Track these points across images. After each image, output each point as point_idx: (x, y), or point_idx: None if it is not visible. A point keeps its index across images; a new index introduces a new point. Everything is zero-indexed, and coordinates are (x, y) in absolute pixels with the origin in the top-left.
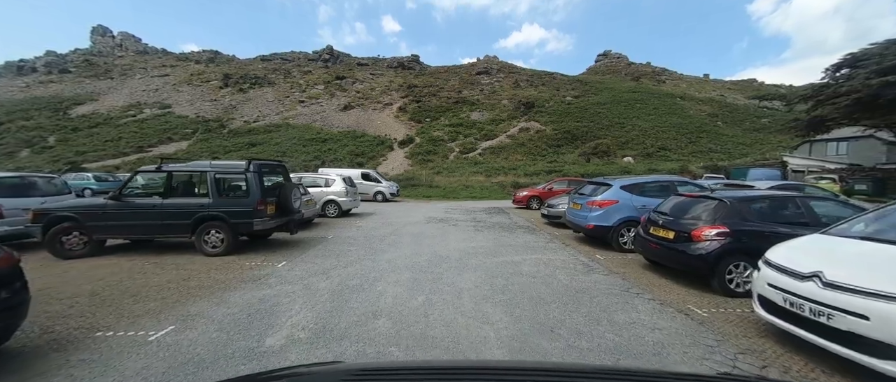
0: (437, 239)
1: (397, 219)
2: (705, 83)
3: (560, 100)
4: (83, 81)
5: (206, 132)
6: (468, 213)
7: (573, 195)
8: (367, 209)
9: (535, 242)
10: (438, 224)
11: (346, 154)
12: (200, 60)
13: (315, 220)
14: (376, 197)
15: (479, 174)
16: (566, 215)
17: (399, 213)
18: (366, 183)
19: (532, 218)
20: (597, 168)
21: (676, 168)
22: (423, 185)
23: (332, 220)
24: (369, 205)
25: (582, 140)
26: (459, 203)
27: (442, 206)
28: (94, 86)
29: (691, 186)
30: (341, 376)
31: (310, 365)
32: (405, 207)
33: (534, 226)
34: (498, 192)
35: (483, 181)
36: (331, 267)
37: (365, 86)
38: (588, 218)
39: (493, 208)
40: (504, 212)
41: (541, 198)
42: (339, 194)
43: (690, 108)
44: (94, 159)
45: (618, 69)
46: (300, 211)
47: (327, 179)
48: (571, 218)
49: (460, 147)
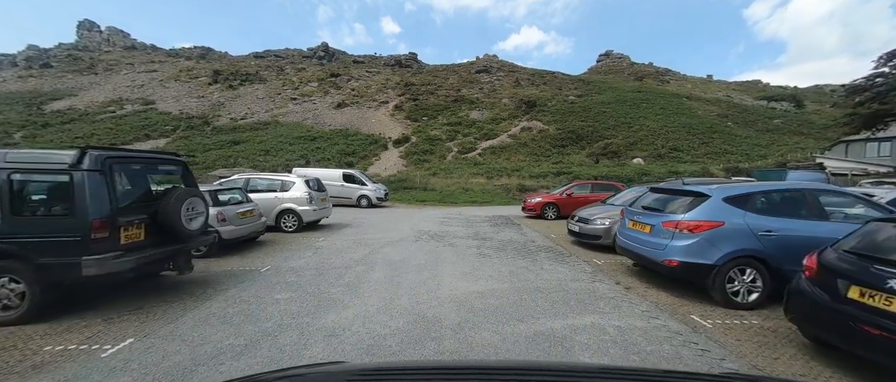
0: (425, 273)
1: (377, 235)
2: (709, 84)
3: (563, 99)
4: (65, 76)
5: (188, 129)
6: (469, 225)
7: (633, 209)
8: (344, 218)
9: (576, 282)
10: (430, 242)
11: (335, 153)
12: (191, 57)
13: (261, 239)
14: (361, 202)
15: (479, 175)
16: (617, 238)
17: (382, 225)
18: (348, 186)
19: (552, 232)
20: (608, 169)
21: (698, 170)
22: (416, 188)
23: (287, 237)
24: (350, 213)
25: (588, 140)
26: (458, 209)
27: (437, 214)
28: (75, 81)
29: (842, 195)
30: (344, 376)
31: (312, 366)
32: (393, 215)
33: (560, 247)
34: (501, 196)
35: (484, 183)
36: (205, 359)
37: (360, 83)
38: (668, 250)
39: (498, 217)
40: (513, 224)
41: (558, 207)
42: (298, 201)
43: (698, 109)
44: None
45: (620, 69)
46: (208, 232)
47: (283, 182)
48: (631, 246)
49: (459, 146)
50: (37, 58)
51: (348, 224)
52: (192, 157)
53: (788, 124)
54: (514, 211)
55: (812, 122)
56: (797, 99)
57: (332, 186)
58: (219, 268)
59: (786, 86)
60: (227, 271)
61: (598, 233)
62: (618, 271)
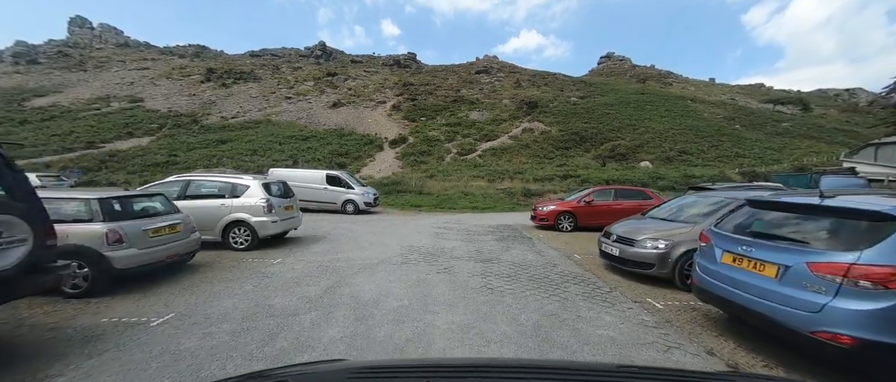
0: (405, 328)
1: (353, 254)
2: (712, 87)
3: (564, 100)
4: (53, 73)
5: (175, 127)
6: (470, 238)
7: (733, 235)
8: (320, 228)
9: (641, 346)
10: (420, 266)
11: (326, 153)
12: (185, 55)
13: (193, 261)
14: (346, 207)
15: (480, 178)
16: (699, 277)
17: (365, 238)
18: (332, 189)
19: (573, 249)
20: (618, 173)
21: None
22: (411, 191)
23: (234, 257)
24: (330, 221)
25: (592, 142)
26: (456, 216)
27: (433, 223)
28: (62, 78)
29: None
30: (344, 374)
31: (313, 363)
32: (381, 224)
33: (592, 276)
34: (505, 202)
35: (485, 187)
36: None
37: (358, 83)
38: (827, 314)
39: (504, 228)
40: (524, 237)
41: (575, 216)
42: (252, 210)
43: (704, 111)
44: (31, 155)
45: (622, 71)
46: (45, 268)
47: (234, 185)
48: (733, 295)
49: (458, 148)
50: (24, 54)
51: (323, 236)
52: (173, 156)
53: (797, 128)
54: (520, 220)
55: (821, 126)
56: (804, 102)
57: (314, 190)
58: (87, 319)
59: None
60: (95, 325)
61: (650, 260)
62: (698, 324)
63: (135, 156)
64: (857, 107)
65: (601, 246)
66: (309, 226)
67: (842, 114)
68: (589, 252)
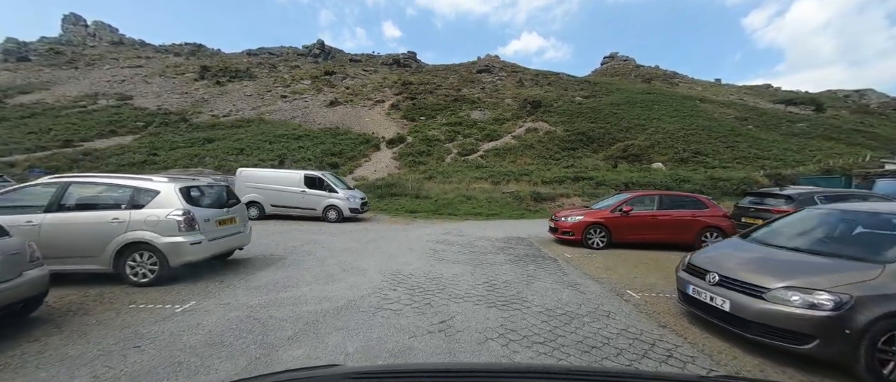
0: None
1: (307, 292)
2: (719, 87)
3: (569, 100)
4: (42, 70)
5: (162, 125)
6: (476, 261)
7: None
8: (284, 243)
9: None
10: (404, 318)
11: (318, 153)
12: (180, 53)
13: (39, 312)
14: (328, 214)
15: (483, 180)
16: None
17: (335, 261)
18: (311, 193)
19: (622, 281)
20: (635, 175)
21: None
22: (408, 195)
23: (119, 298)
24: (303, 233)
25: (599, 143)
26: (458, 225)
27: (429, 235)
28: (51, 75)
29: None
30: (341, 379)
31: (308, 369)
32: (365, 237)
33: (676, 335)
34: (512, 207)
35: (489, 190)
36: None
37: (356, 82)
38: None
39: (518, 242)
40: (547, 258)
41: (609, 230)
42: (161, 227)
43: (713, 111)
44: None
45: (626, 71)
46: None
47: (135, 190)
48: None
49: (459, 148)
50: (14, 51)
51: (281, 257)
52: (153, 155)
53: (813, 128)
54: (534, 230)
55: (837, 127)
56: (817, 103)
57: (289, 194)
58: None
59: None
60: None
61: (805, 328)
62: None
63: (111, 155)
64: (867, 108)
65: (685, 287)
66: (273, 240)
67: (853, 114)
68: (647, 286)
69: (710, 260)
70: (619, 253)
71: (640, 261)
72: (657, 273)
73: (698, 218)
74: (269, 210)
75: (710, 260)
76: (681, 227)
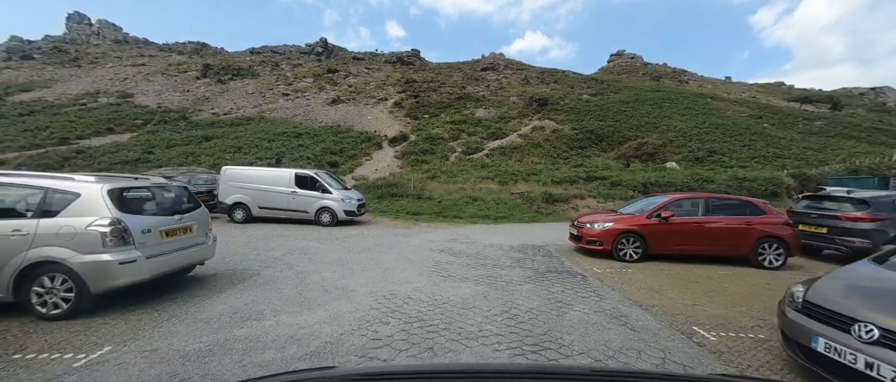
0: None
1: (271, 327)
2: (729, 85)
3: (576, 98)
4: (45, 68)
5: (160, 123)
6: (488, 276)
7: None
8: (263, 253)
9: None
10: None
11: (318, 151)
12: (184, 51)
13: None
14: (320, 217)
15: (489, 179)
16: None
17: (317, 278)
18: (302, 193)
19: (679, 309)
20: (645, 174)
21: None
22: (409, 195)
23: (18, 339)
24: (289, 238)
25: (608, 141)
26: (464, 230)
27: (432, 243)
28: (54, 73)
29: None
30: (338, 380)
31: (304, 371)
32: (358, 245)
33: None
34: (522, 209)
35: (496, 190)
36: None
37: (359, 80)
38: None
39: (534, 251)
40: (572, 274)
41: (644, 239)
42: (78, 242)
43: (726, 109)
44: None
45: (633, 69)
46: None
47: (47, 192)
48: None
49: (463, 147)
50: (18, 49)
51: (253, 273)
52: (148, 153)
53: (832, 127)
54: (549, 236)
55: (857, 125)
56: (834, 101)
57: (278, 194)
58: None
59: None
60: None
61: None
62: None
63: (105, 153)
64: (885, 106)
65: (809, 339)
66: (251, 249)
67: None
68: (717, 320)
69: (849, 297)
70: (657, 267)
71: (687, 280)
72: (718, 298)
73: (754, 227)
74: (256, 212)
75: (850, 299)
76: (733, 237)
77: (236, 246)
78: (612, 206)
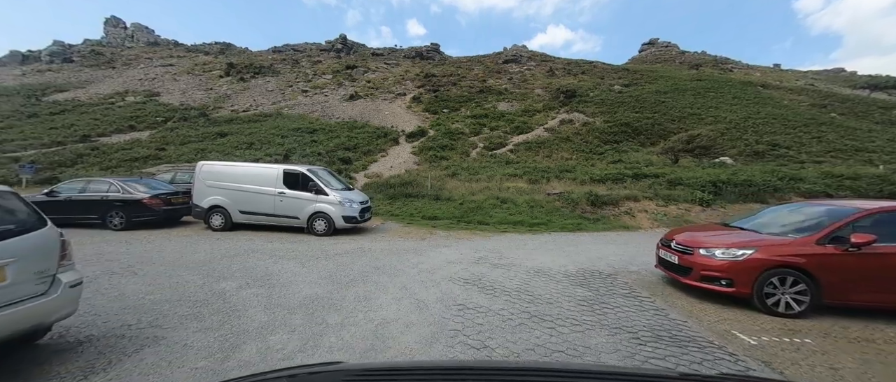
0: None
1: None
2: (780, 73)
3: (607, 88)
4: (83, 71)
5: (181, 120)
6: (552, 342)
7: None
8: (203, 290)
9: None
10: None
11: (331, 147)
12: (210, 51)
13: None
14: (314, 225)
15: (517, 177)
16: None
17: (252, 356)
18: (292, 195)
19: None
20: (702, 172)
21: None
22: (426, 196)
23: None
24: (264, 258)
25: (646, 134)
26: (495, 243)
27: (452, 268)
28: (90, 75)
29: None
30: (342, 376)
31: (309, 366)
32: (349, 270)
33: None
34: (563, 214)
35: (527, 190)
36: None
37: (377, 75)
38: None
39: (608, 286)
40: (699, 346)
41: (814, 280)
42: None
43: (783, 98)
44: (14, 149)
45: (669, 58)
46: None
47: None
48: None
49: (485, 141)
50: (60, 53)
51: (140, 345)
52: (161, 150)
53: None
54: (612, 255)
55: None
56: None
57: (263, 196)
58: None
59: (877, 75)
60: None
61: None
62: None
63: (118, 150)
64: None
65: None
66: (200, 273)
67: None
68: None
69: None
70: (852, 330)
71: None
72: None
73: None
74: (237, 218)
75: None
76: None
77: (179, 272)
78: (715, 217)
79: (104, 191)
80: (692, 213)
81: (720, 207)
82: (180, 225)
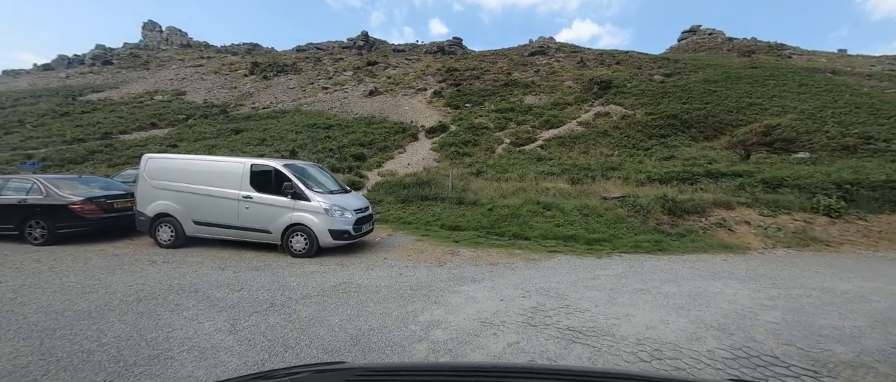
0: None
1: None
2: (849, 58)
3: (646, 79)
4: (120, 72)
5: (201, 118)
6: None
7: None
8: None
9: None
10: None
11: (346, 142)
12: (237, 52)
13: None
14: (291, 243)
15: (555, 176)
16: None
17: None
18: (260, 199)
19: None
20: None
21: None
22: (446, 199)
23: None
24: (202, 300)
25: (699, 127)
26: (548, 277)
27: (489, 344)
28: (125, 76)
29: None
30: (346, 376)
31: (314, 365)
32: (284, 359)
33: None
34: (632, 226)
35: (570, 191)
36: None
37: (398, 71)
38: None
39: None
40: None
41: None
42: None
43: (860, 85)
44: (35, 146)
45: (715, 46)
46: None
47: None
48: None
49: (512, 137)
50: (101, 56)
51: None
52: (172, 147)
53: None
54: (747, 302)
55: None
56: None
57: (223, 202)
58: None
59: None
60: None
61: None
62: None
63: (130, 147)
64: None
65: None
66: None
67: None
68: None
69: None
70: None
71: None
72: None
73: None
74: (190, 230)
75: None
76: None
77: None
78: (858, 233)
79: (24, 194)
80: (817, 227)
81: (859, 218)
82: (129, 236)
